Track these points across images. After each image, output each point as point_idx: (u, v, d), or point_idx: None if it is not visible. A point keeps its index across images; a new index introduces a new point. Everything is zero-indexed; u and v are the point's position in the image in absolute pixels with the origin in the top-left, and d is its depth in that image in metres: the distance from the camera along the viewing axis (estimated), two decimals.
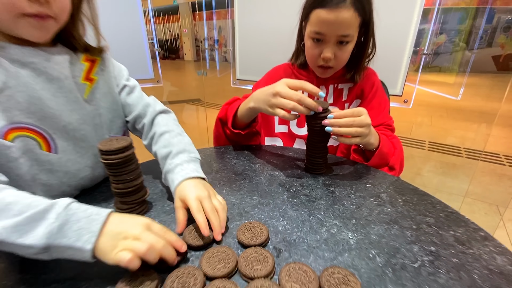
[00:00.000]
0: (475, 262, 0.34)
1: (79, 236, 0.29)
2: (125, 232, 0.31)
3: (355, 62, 0.68)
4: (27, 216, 0.29)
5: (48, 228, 0.29)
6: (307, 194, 0.48)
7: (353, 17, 0.57)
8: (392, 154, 0.61)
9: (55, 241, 0.29)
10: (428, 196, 0.47)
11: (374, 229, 0.39)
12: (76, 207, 0.31)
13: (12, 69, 0.38)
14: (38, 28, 0.38)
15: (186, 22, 10.94)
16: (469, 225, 0.40)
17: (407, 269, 0.33)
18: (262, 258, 0.32)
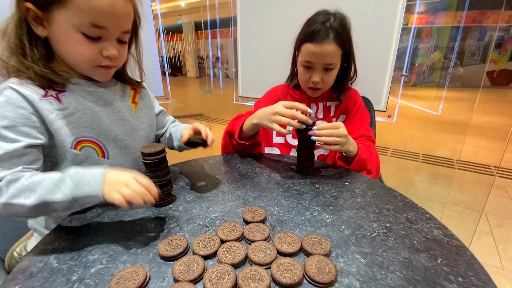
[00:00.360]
0: (417, 233, 0.46)
1: (89, 188, 0.42)
2: (119, 182, 0.43)
3: (339, 84, 0.83)
4: (53, 183, 0.42)
5: (68, 188, 0.42)
6: (297, 189, 0.60)
7: (335, 50, 0.73)
8: (369, 160, 0.73)
9: (77, 193, 0.42)
10: (392, 190, 0.60)
11: (346, 213, 0.52)
12: (80, 171, 0.44)
13: (81, 98, 0.53)
14: (105, 74, 0.55)
15: (189, 41, 11.39)
16: (420, 210, 0.53)
17: (366, 237, 0.45)
18: (261, 229, 0.45)
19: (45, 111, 0.48)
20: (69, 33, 0.47)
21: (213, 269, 0.37)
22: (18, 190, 0.42)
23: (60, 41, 0.49)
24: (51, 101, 0.50)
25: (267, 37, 1.48)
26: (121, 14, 0.49)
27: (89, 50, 0.48)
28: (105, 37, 0.49)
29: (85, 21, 0.46)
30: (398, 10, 1.10)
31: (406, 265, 0.39)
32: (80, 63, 0.51)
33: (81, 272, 0.38)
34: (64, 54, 0.50)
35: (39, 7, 0.46)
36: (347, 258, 0.40)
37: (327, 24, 0.72)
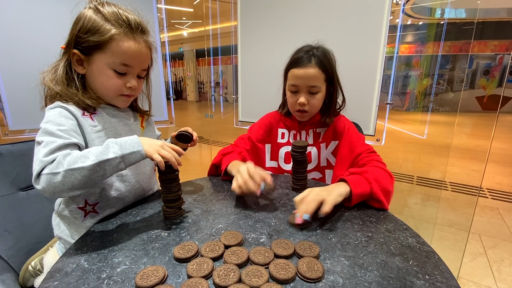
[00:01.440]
0: (394, 241, 0.53)
1: (133, 147, 0.54)
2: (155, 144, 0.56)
3: (326, 109, 0.91)
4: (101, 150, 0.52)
5: (116, 149, 0.52)
6: (292, 205, 0.68)
7: (318, 73, 0.81)
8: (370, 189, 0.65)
9: (124, 152, 0.53)
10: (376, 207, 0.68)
11: (334, 224, 0.59)
12: (118, 139, 0.55)
13: (108, 118, 0.67)
14: (126, 101, 0.70)
15: (190, 67, 11.87)
16: (398, 222, 0.60)
17: (350, 244, 0.52)
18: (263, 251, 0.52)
19: (84, 124, 0.62)
20: (104, 70, 0.63)
21: (220, 268, 0.44)
22: (74, 158, 0.51)
23: (95, 76, 0.64)
24: (87, 118, 0.64)
25: (265, 65, 1.62)
26: (142, 57, 0.66)
27: (118, 82, 0.64)
28: (130, 73, 0.65)
29: (118, 61, 0.62)
30: (381, 41, 1.24)
31: (383, 265, 0.46)
32: (109, 92, 0.66)
33: (109, 271, 0.45)
34: (97, 85, 0.65)
35: (83, 52, 0.62)
36: (333, 260, 0.48)
37: (310, 52, 0.83)
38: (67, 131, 0.57)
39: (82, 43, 0.61)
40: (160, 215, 0.63)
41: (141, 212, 0.65)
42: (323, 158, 0.92)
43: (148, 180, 0.76)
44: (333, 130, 0.91)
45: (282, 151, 0.95)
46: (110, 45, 0.60)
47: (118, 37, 0.60)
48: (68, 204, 0.66)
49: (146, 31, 0.66)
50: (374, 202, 0.66)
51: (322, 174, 0.93)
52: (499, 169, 3.13)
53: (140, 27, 0.63)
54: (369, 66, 1.29)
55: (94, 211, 0.65)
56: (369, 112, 1.32)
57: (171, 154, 0.56)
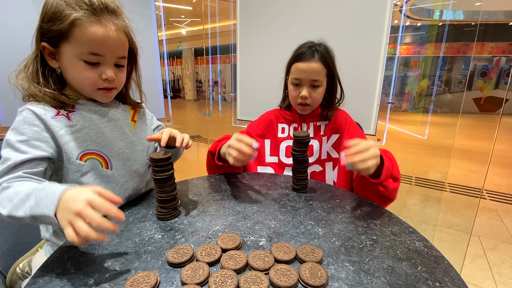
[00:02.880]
0: (400, 245, 0.51)
1: (47, 208, 0.41)
2: (72, 208, 0.39)
3: (327, 103, 0.92)
4: (20, 199, 0.44)
5: (30, 205, 0.43)
6: (292, 205, 0.66)
7: (320, 68, 0.84)
8: (392, 166, 0.70)
9: (35, 212, 0.42)
10: (379, 207, 0.65)
11: (337, 226, 0.57)
12: (47, 187, 0.45)
13: (88, 116, 0.61)
14: (106, 96, 0.63)
15: (189, 65, 11.81)
16: (404, 224, 0.58)
17: (355, 248, 0.50)
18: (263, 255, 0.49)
19: (55, 127, 0.56)
20: (74, 62, 0.56)
21: (217, 274, 0.41)
22: (2, 198, 0.46)
23: (67, 69, 0.58)
24: (61, 119, 0.57)
25: (264, 63, 1.60)
26: (114, 43, 0.57)
27: (90, 74, 0.57)
28: (103, 62, 0.58)
29: (84, 50, 0.54)
30: (382, 42, 1.22)
31: (390, 271, 0.44)
32: (84, 86, 0.59)
33: (97, 277, 0.41)
34: (71, 80, 0.59)
35: (51, 44, 0.55)
36: (337, 265, 0.45)
37: (313, 48, 0.85)
38: (27, 141, 0.52)
39: (47, 33, 0.54)
40: (153, 216, 0.60)
41: (133, 212, 0.62)
42: (324, 151, 0.93)
43: (141, 180, 0.71)
44: (334, 123, 0.93)
45: (283, 146, 0.95)
46: (73, 32, 0.53)
47: (79, 22, 0.52)
48: None
49: (116, 12, 0.57)
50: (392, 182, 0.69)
51: (322, 167, 0.93)
52: (497, 170, 3.13)
53: (105, 7, 0.54)
54: (370, 66, 1.26)
55: None
56: (370, 111, 1.30)
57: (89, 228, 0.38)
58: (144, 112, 0.77)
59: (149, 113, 0.80)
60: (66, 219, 0.39)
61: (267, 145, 0.97)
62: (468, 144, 4.27)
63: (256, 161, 0.95)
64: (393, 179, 0.69)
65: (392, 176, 0.69)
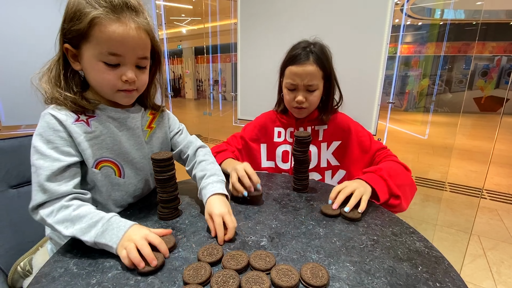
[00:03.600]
0: (401, 245, 0.51)
1: (111, 239, 0.47)
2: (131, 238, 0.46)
3: (324, 106, 0.88)
4: (88, 224, 0.48)
5: (96, 233, 0.47)
6: (293, 205, 0.66)
7: (316, 71, 0.79)
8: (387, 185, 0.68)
9: (99, 240, 0.47)
10: (380, 208, 0.66)
11: (338, 226, 0.57)
12: (114, 220, 0.49)
13: (107, 123, 0.59)
14: (127, 97, 0.59)
15: (189, 64, 11.80)
16: (404, 225, 0.58)
17: (355, 248, 0.50)
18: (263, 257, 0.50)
19: (75, 133, 0.55)
20: (94, 63, 0.53)
21: (219, 274, 0.41)
22: (64, 218, 0.49)
23: (88, 71, 0.56)
24: (81, 125, 0.56)
25: (265, 63, 1.59)
26: (134, 42, 0.53)
27: (110, 76, 0.54)
28: (123, 63, 0.55)
29: (104, 50, 0.52)
30: (383, 41, 1.22)
31: (390, 272, 0.44)
32: (104, 88, 0.57)
33: (99, 277, 0.42)
34: (92, 82, 0.57)
35: (73, 45, 0.53)
36: (338, 266, 0.45)
37: (307, 49, 0.80)
38: (57, 148, 0.53)
39: (68, 34, 0.52)
40: (155, 216, 0.61)
41: (135, 212, 0.62)
42: (324, 159, 0.90)
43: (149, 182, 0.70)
44: (334, 129, 0.89)
45: (279, 150, 0.92)
46: (92, 31, 0.50)
47: (99, 20, 0.49)
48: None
49: (137, 9, 0.53)
50: (394, 199, 0.67)
51: (321, 176, 0.91)
52: (497, 170, 3.13)
53: (125, 4, 0.51)
54: (371, 65, 1.26)
55: None
56: (370, 111, 1.30)
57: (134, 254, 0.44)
58: (163, 116, 0.73)
59: (171, 117, 0.77)
60: (123, 246, 0.46)
61: (263, 150, 0.94)
62: (469, 144, 4.27)
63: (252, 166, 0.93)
64: (394, 197, 0.68)
65: (392, 195, 0.68)
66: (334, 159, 0.90)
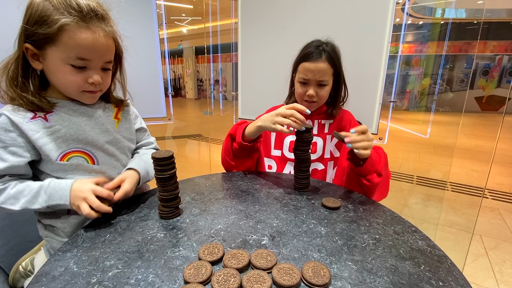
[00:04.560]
0: (403, 244, 0.51)
1: (61, 199, 0.55)
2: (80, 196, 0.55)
3: (332, 102, 0.93)
4: (31, 195, 0.55)
5: (43, 199, 0.55)
6: (294, 204, 0.65)
7: (327, 68, 0.84)
8: (379, 162, 0.73)
9: (50, 203, 0.55)
10: (382, 206, 0.65)
11: (339, 225, 0.56)
12: (53, 184, 0.56)
13: (67, 116, 0.61)
14: (91, 98, 0.64)
15: (190, 64, 11.80)
16: (406, 224, 0.58)
17: (357, 247, 0.49)
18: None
19: (29, 131, 0.56)
20: (60, 66, 0.55)
21: (220, 273, 0.41)
22: (5, 198, 0.55)
23: (52, 72, 0.57)
24: (38, 121, 0.57)
25: (266, 62, 1.59)
26: (102, 48, 0.57)
27: (77, 78, 0.57)
28: (90, 66, 0.58)
29: (72, 55, 0.54)
30: (384, 40, 1.21)
31: (393, 271, 0.43)
32: (69, 89, 0.60)
33: (99, 276, 0.42)
34: (56, 82, 0.59)
35: (35, 46, 0.54)
36: (340, 264, 0.45)
37: (320, 47, 0.85)
38: (5, 148, 0.56)
39: (31, 36, 0.53)
40: (156, 215, 0.60)
41: (135, 211, 0.62)
42: (327, 150, 0.94)
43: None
44: (338, 123, 0.94)
45: (287, 140, 0.96)
46: (61, 37, 0.52)
47: (68, 27, 0.52)
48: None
49: (104, 18, 0.57)
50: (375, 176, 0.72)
51: (324, 166, 0.94)
52: (499, 169, 3.12)
53: (94, 13, 0.54)
54: (372, 64, 1.25)
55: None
56: (372, 110, 1.29)
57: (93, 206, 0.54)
58: (129, 111, 0.76)
59: (134, 112, 0.80)
60: (76, 205, 0.55)
61: (272, 138, 0.99)
62: (470, 143, 4.26)
63: (263, 153, 0.96)
64: (377, 174, 0.73)
65: (376, 171, 0.72)
66: (336, 150, 0.94)
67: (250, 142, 0.82)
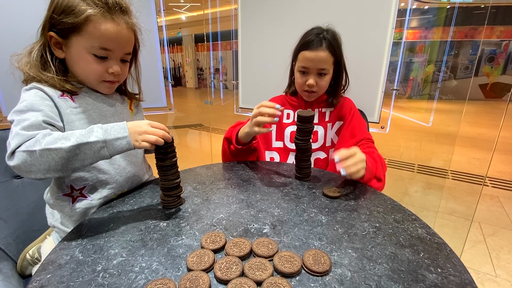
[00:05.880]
0: (403, 232, 0.51)
1: (118, 133, 0.50)
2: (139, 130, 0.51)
3: (332, 90, 0.92)
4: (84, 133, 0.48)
5: (99, 132, 0.49)
6: (295, 193, 0.66)
7: (328, 56, 0.83)
8: (376, 168, 0.73)
9: (107, 137, 0.49)
10: (382, 195, 0.66)
11: (340, 214, 0.57)
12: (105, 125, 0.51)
13: (91, 99, 0.63)
14: (110, 88, 0.65)
15: (189, 53, 11.63)
16: (406, 212, 0.58)
17: (358, 235, 0.50)
18: None
19: (62, 105, 0.58)
20: (83, 54, 0.58)
21: (222, 261, 0.42)
22: (54, 139, 0.47)
23: (75, 60, 0.59)
24: (66, 99, 0.59)
25: (266, 50, 1.56)
26: (124, 40, 0.60)
27: (98, 67, 0.59)
28: (111, 57, 0.60)
29: (96, 45, 0.57)
30: (389, 26, 1.18)
31: (392, 258, 0.44)
32: (90, 78, 0.61)
33: (104, 264, 0.42)
34: (77, 71, 0.61)
35: (60, 35, 0.57)
36: (340, 252, 0.45)
37: (320, 35, 0.83)
38: (43, 111, 0.54)
39: (57, 25, 0.55)
40: (158, 204, 0.61)
41: (138, 200, 0.63)
42: (328, 138, 0.94)
43: (140, 164, 0.74)
44: (339, 111, 0.93)
45: (288, 131, 0.96)
46: (86, 27, 0.55)
47: (94, 18, 0.55)
48: (54, 193, 0.63)
49: (127, 11, 0.60)
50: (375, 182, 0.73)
51: (326, 154, 0.95)
52: (500, 157, 3.12)
53: (119, 6, 0.58)
54: (375, 51, 1.23)
55: (82, 195, 0.63)
56: (374, 98, 1.28)
57: (157, 135, 0.52)
58: (140, 107, 0.80)
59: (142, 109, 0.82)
60: (139, 139, 0.51)
61: (273, 131, 0.98)
62: (472, 131, 4.23)
63: (264, 146, 0.96)
64: (377, 179, 0.74)
65: (376, 177, 0.73)
66: (337, 137, 0.94)
67: (244, 145, 0.82)
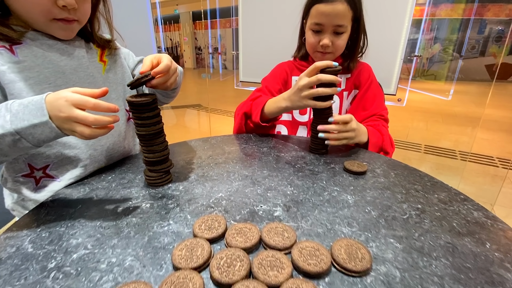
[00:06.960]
0: (454, 215, 0.40)
1: (33, 117, 0.35)
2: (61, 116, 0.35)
3: (349, 53, 0.78)
4: None
5: (7, 117, 0.35)
6: (311, 169, 0.54)
7: (346, 10, 0.68)
8: (382, 141, 0.68)
9: (17, 125, 0.35)
10: (417, 170, 0.54)
11: (369, 193, 0.45)
12: (15, 102, 0.37)
13: (40, 51, 0.46)
14: (65, 29, 0.48)
15: (187, 31, 11.15)
16: (451, 190, 0.47)
17: (397, 219, 0.39)
18: None
19: None
20: None
21: (221, 255, 0.30)
22: None
23: None
24: (3, 52, 0.43)
25: (269, 20, 1.39)
26: None
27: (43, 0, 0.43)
28: None
29: None
30: None
31: (451, 250, 0.33)
32: (35, 16, 0.45)
33: (60, 259, 0.31)
34: (18, 8, 0.45)
35: None
36: (379, 242, 0.34)
37: None
38: None
39: None
40: (142, 181, 0.49)
41: (118, 177, 0.51)
42: (344, 109, 0.82)
43: (121, 132, 0.59)
44: (356, 78, 0.80)
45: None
46: None
47: None
48: (10, 173, 0.50)
49: None
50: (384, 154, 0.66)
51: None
52: (510, 138, 3.01)
53: None
54: (395, 11, 1.07)
55: (46, 175, 0.50)
56: (392, 66, 1.13)
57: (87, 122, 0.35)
58: (119, 53, 0.62)
59: (124, 51, 0.65)
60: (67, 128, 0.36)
61: None
62: (480, 112, 4.09)
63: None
64: (384, 153, 0.68)
65: (382, 150, 0.68)
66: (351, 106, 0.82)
67: (269, 121, 0.70)
